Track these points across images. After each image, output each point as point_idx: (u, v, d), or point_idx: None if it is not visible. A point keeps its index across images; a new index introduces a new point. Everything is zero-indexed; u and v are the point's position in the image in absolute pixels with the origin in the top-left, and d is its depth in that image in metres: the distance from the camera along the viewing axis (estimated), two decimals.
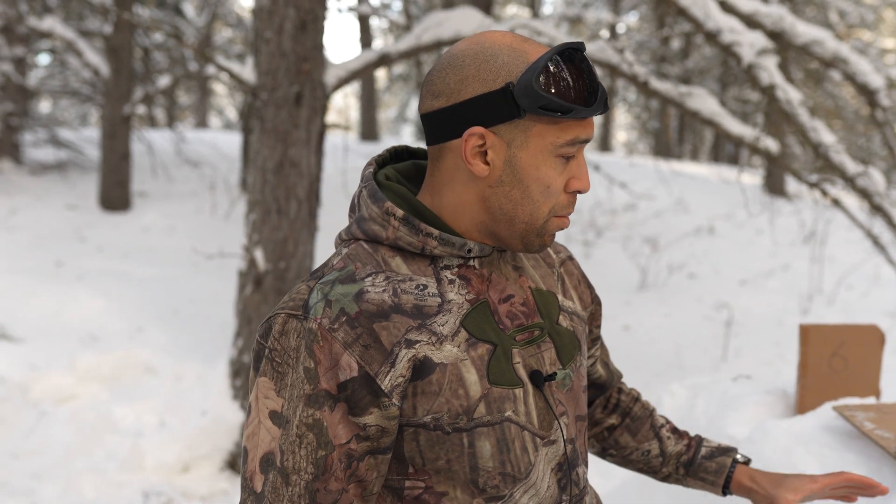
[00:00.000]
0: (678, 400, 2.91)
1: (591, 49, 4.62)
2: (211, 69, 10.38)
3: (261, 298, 4.78)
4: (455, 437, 1.07)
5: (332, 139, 11.36)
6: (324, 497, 1.05)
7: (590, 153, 18.34)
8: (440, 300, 1.09)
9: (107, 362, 5.53)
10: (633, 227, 10.38)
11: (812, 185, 4.52)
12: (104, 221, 9.20)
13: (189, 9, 15.72)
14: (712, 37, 4.11)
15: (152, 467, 4.55)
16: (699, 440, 1.41)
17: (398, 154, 1.24)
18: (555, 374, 1.14)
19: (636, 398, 1.45)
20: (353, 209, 1.17)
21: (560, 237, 9.58)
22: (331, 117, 29.33)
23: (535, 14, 18.85)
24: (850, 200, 9.16)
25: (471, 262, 1.13)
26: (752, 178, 15.02)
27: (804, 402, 2.33)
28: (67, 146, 11.26)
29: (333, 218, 5.62)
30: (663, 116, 20.41)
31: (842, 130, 17.38)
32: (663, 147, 21.11)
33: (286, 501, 1.05)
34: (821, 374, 2.34)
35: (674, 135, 21.84)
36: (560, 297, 1.23)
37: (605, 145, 21.06)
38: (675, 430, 1.42)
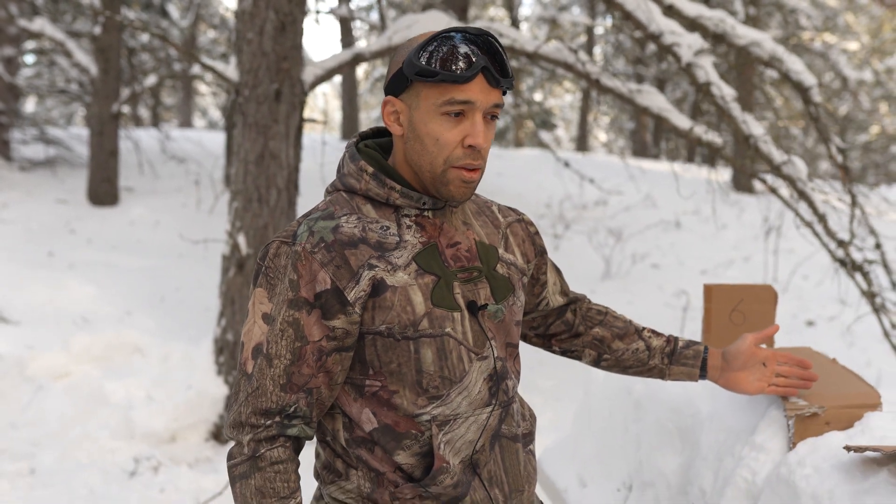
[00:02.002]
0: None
1: (548, 49, 5.00)
2: (196, 68, 10.68)
3: (243, 281, 5.11)
4: (404, 344, 1.41)
5: (313, 136, 11.68)
6: (297, 378, 1.41)
7: (566, 152, 18.71)
8: (398, 239, 1.43)
9: (98, 343, 5.78)
10: (602, 220, 10.77)
11: (752, 175, 4.92)
12: (93, 215, 9.44)
13: (174, 10, 16.00)
14: (655, 38, 4.50)
15: (142, 436, 4.82)
16: (675, 337, 1.79)
17: (382, 131, 1.59)
18: (486, 305, 1.48)
19: (606, 312, 1.79)
20: (338, 169, 1.53)
21: None
22: (314, 116, 29.57)
23: (513, 17, 19.18)
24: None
25: (426, 213, 1.47)
26: (721, 176, 15.43)
27: None
28: (57, 143, 11.47)
29: (312, 207, 5.93)
30: (639, 117, 20.82)
31: (814, 131, 17.83)
32: (640, 147, 21.55)
33: (268, 379, 1.41)
34: (722, 327, 2.71)
35: (650, 136, 22.26)
36: (501, 251, 1.56)
37: (582, 145, 21.44)
38: (653, 331, 1.79)
